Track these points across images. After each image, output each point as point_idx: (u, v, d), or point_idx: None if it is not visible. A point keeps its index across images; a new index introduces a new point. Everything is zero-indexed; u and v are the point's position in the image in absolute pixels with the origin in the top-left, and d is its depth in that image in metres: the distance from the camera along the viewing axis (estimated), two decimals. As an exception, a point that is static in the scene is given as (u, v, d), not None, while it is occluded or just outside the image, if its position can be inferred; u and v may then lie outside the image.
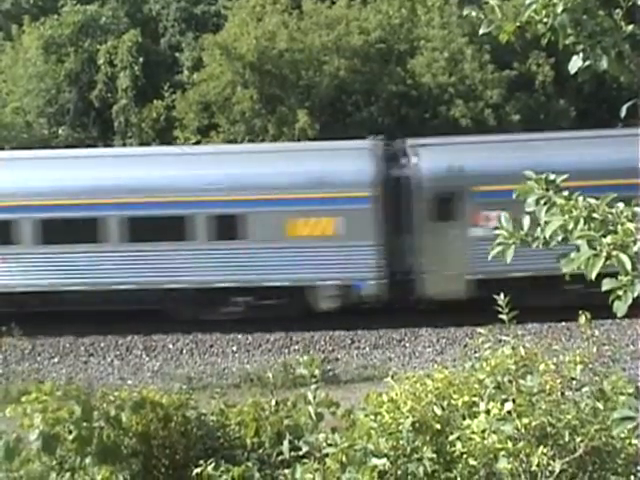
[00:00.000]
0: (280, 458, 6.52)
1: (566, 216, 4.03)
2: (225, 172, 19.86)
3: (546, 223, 4.10)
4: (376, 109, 29.26)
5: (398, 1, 31.05)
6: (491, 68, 29.33)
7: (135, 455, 7.38)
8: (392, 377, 6.60)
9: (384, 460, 5.51)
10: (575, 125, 30.23)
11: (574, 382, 6.03)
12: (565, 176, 4.40)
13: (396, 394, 6.22)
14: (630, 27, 4.47)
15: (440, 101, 29.36)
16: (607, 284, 3.81)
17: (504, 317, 6.23)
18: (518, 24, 4.48)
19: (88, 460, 6.76)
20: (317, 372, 6.21)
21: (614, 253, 3.79)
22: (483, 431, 5.55)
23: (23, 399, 6.91)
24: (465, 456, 5.65)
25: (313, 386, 6.06)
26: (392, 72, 29.55)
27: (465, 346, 17.09)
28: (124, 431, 7.22)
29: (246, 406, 8.01)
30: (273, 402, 7.91)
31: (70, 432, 6.74)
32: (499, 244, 4.34)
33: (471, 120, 28.55)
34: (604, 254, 3.82)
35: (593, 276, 3.84)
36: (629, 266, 3.76)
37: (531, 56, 29.72)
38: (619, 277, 3.82)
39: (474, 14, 4.64)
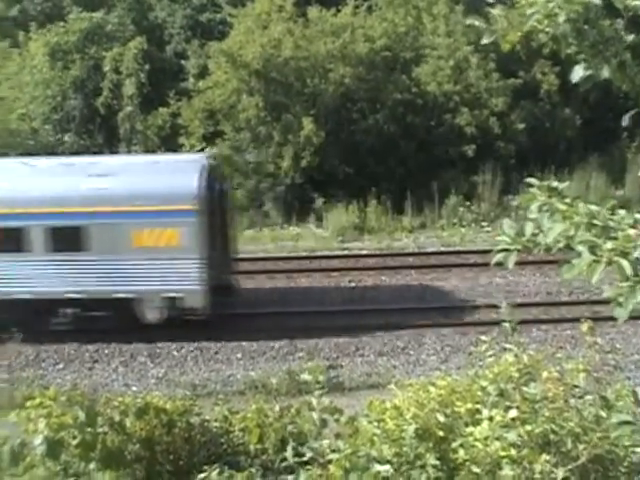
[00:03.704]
0: (283, 464, 6.53)
1: (567, 222, 4.06)
2: None
3: (548, 229, 4.13)
4: (381, 117, 29.32)
5: (404, 9, 31.13)
6: (496, 76, 29.39)
7: (139, 461, 7.40)
8: (395, 384, 6.61)
9: (387, 467, 5.51)
10: (580, 133, 30.30)
11: (577, 390, 6.03)
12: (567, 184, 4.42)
13: (399, 401, 6.23)
14: (631, 37, 4.50)
15: (445, 109, 29.43)
16: (608, 291, 3.84)
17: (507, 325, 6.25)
18: (520, 34, 4.51)
19: (92, 465, 6.78)
20: (321, 379, 6.22)
21: (615, 259, 3.82)
22: (486, 438, 5.55)
23: (27, 404, 6.93)
24: (468, 463, 5.66)
25: (317, 392, 6.08)
26: (397, 80, 29.61)
27: (470, 354, 17.04)
28: (128, 437, 7.25)
29: (250, 412, 8.03)
30: (277, 408, 7.93)
31: (74, 437, 6.75)
32: (502, 250, 4.35)
33: (476, 128, 28.61)
34: (604, 260, 3.85)
35: (594, 281, 3.87)
36: (629, 272, 3.78)
37: (536, 65, 29.76)
38: (620, 283, 3.84)
39: (477, 24, 4.67)
